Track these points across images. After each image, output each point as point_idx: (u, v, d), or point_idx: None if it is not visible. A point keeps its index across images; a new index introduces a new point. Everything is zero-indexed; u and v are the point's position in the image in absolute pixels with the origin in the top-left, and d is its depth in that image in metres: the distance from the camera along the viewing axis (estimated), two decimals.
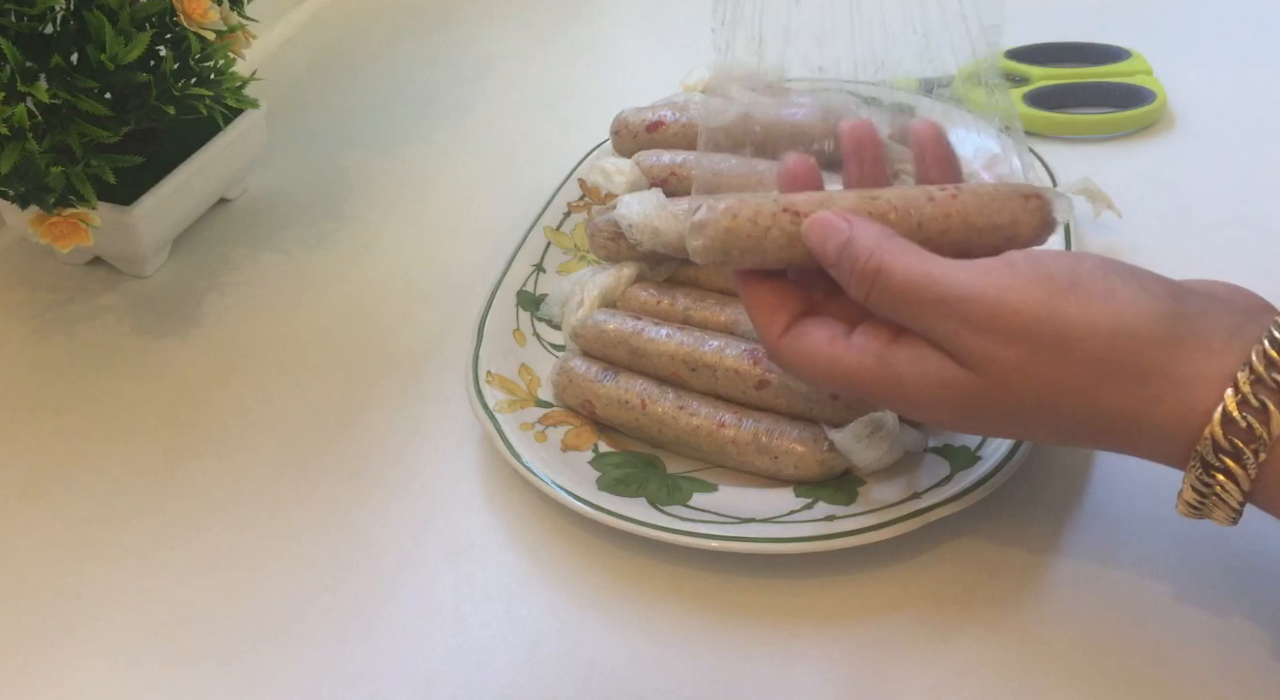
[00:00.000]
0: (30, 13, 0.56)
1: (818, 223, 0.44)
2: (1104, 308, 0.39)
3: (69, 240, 0.58)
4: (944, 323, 0.40)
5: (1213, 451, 0.38)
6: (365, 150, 0.76)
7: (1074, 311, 0.39)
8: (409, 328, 0.62)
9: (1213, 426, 0.37)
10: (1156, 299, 0.39)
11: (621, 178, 0.60)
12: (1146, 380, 0.38)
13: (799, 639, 0.46)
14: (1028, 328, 0.39)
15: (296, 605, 0.49)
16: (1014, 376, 0.39)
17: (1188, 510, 0.40)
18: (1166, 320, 0.38)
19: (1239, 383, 0.37)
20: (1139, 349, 0.38)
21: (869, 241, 0.42)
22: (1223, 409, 0.37)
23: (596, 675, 0.45)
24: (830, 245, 0.43)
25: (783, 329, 0.45)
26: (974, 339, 0.39)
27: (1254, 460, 0.37)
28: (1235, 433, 0.37)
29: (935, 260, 0.41)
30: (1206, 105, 0.72)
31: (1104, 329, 0.38)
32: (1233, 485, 0.38)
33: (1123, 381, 0.38)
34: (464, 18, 0.90)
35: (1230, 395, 0.37)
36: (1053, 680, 0.44)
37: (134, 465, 0.56)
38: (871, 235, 0.43)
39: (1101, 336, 0.38)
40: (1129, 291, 0.39)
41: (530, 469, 0.51)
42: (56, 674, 0.47)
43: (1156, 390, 0.38)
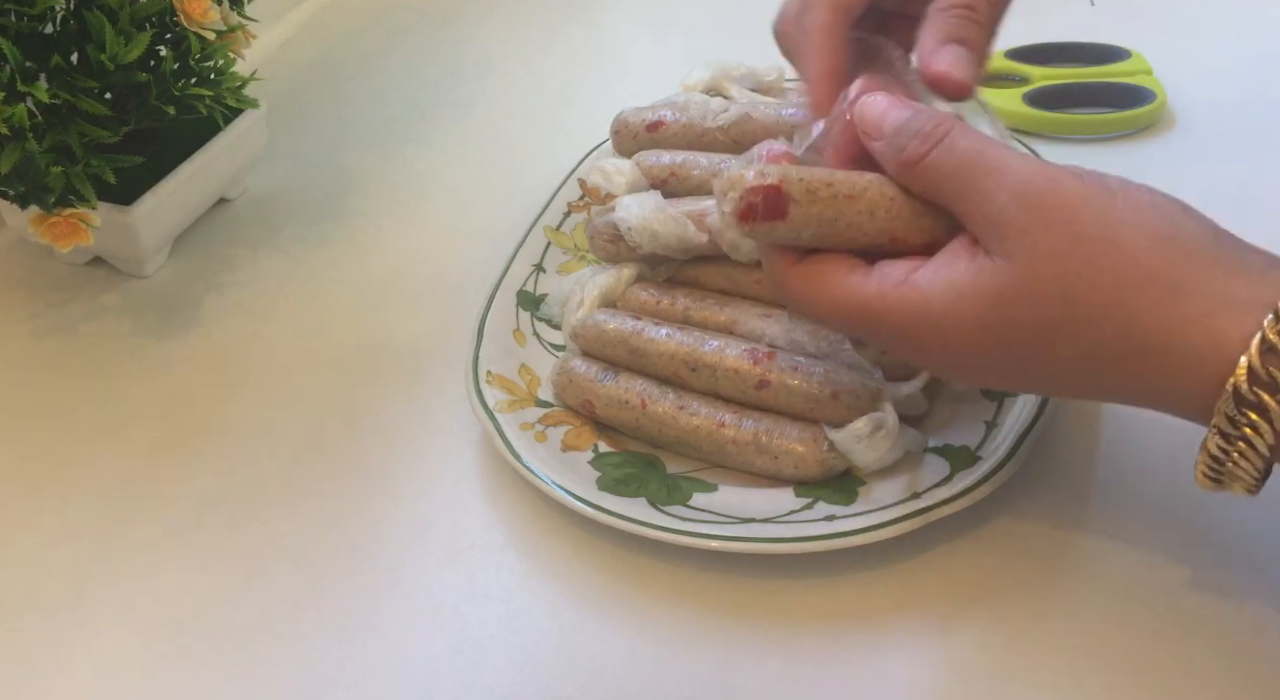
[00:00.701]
0: (30, 13, 0.56)
1: (874, 101, 0.43)
2: (1151, 214, 0.38)
3: (69, 240, 0.58)
4: (996, 193, 0.39)
5: (1248, 383, 0.35)
6: (365, 150, 0.76)
7: (1121, 211, 0.38)
8: (409, 328, 0.62)
9: (1250, 354, 0.35)
10: (1201, 221, 0.38)
11: (621, 178, 0.60)
12: (1184, 295, 0.36)
13: (799, 639, 0.46)
14: (1076, 214, 0.38)
15: (296, 605, 0.49)
16: (1049, 267, 0.38)
17: (1209, 466, 0.38)
18: (1210, 239, 0.38)
19: (1265, 330, 0.35)
20: (1180, 260, 0.37)
21: (934, 114, 0.42)
22: (1261, 335, 0.35)
23: (596, 675, 0.45)
24: (889, 118, 0.42)
25: (796, 258, 0.43)
26: (1020, 214, 0.38)
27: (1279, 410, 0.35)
28: (1274, 362, 0.34)
29: (993, 141, 0.41)
30: (1206, 105, 0.72)
31: (1147, 231, 0.37)
32: (1265, 424, 0.35)
33: (1159, 291, 0.36)
34: (464, 18, 0.90)
35: (1270, 322, 0.35)
36: (1053, 680, 0.44)
37: (134, 465, 0.56)
38: (930, 111, 0.42)
39: (1144, 238, 0.37)
40: (1176, 208, 0.39)
41: (530, 469, 0.51)
42: (57, 674, 0.47)
43: (1193, 308, 0.36)
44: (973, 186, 0.40)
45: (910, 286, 0.40)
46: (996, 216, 0.39)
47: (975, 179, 0.40)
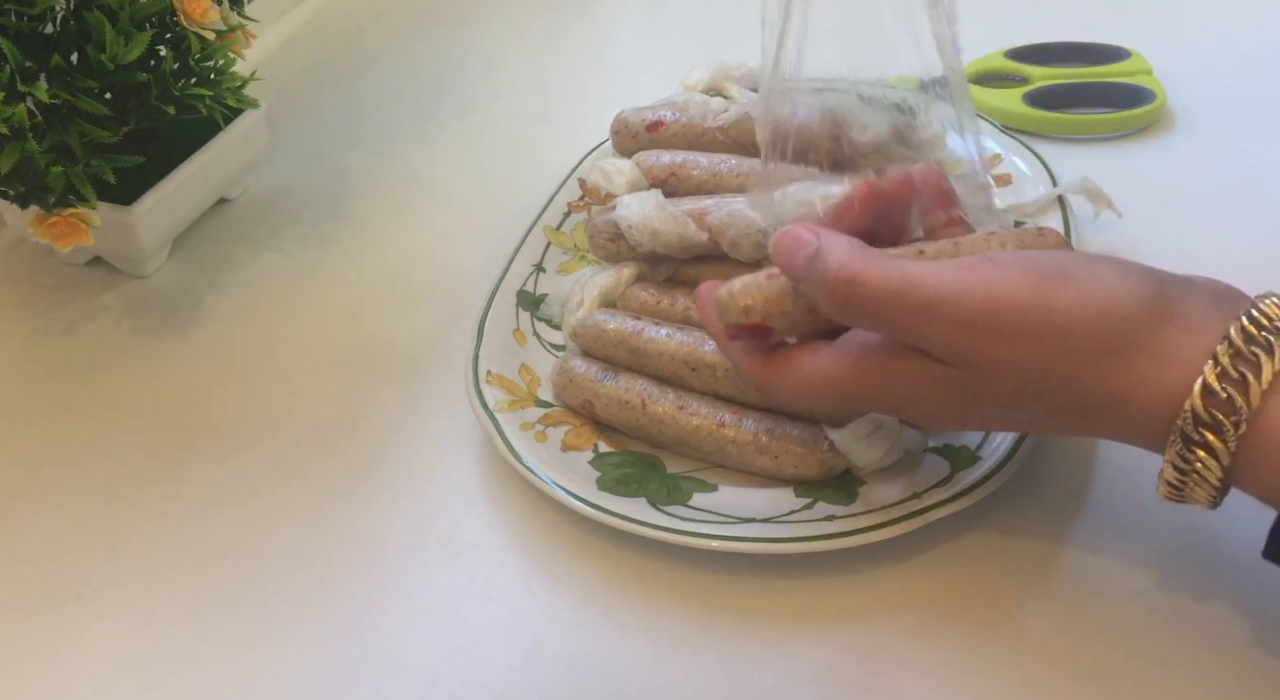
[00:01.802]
0: (30, 13, 0.56)
1: (784, 237, 0.43)
2: (1093, 291, 0.39)
3: (69, 240, 0.58)
4: (933, 327, 0.40)
5: (1193, 424, 0.38)
6: (365, 150, 0.76)
7: (1064, 298, 0.39)
8: (409, 328, 0.62)
9: (1193, 399, 0.38)
10: (1141, 281, 0.40)
11: (621, 178, 0.60)
12: (1132, 358, 0.39)
13: (799, 639, 0.46)
14: (1021, 321, 0.39)
15: (296, 605, 0.49)
16: (1007, 368, 0.40)
17: (1169, 491, 0.40)
18: (1151, 300, 0.39)
19: (1218, 355, 0.37)
20: (1126, 329, 0.39)
21: (838, 251, 0.42)
22: (1202, 381, 0.37)
23: (596, 675, 0.45)
24: (798, 258, 0.43)
25: (764, 358, 0.45)
26: (967, 338, 0.39)
27: (1233, 432, 0.37)
28: (1215, 405, 0.37)
29: (911, 263, 0.41)
30: (1206, 105, 0.72)
31: (1094, 311, 0.39)
32: (1212, 460, 0.38)
33: (1111, 361, 0.39)
34: (464, 18, 0.90)
35: (1210, 368, 0.37)
36: (1053, 680, 0.44)
37: (133, 465, 0.56)
38: (840, 245, 0.42)
39: (1092, 319, 0.39)
40: (1115, 275, 0.40)
41: (530, 469, 0.51)
42: (57, 674, 0.47)
43: (1141, 369, 0.38)
44: (902, 323, 0.41)
45: (873, 362, 0.42)
46: (943, 343, 0.40)
47: (903, 317, 0.40)
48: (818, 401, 0.47)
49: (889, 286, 0.40)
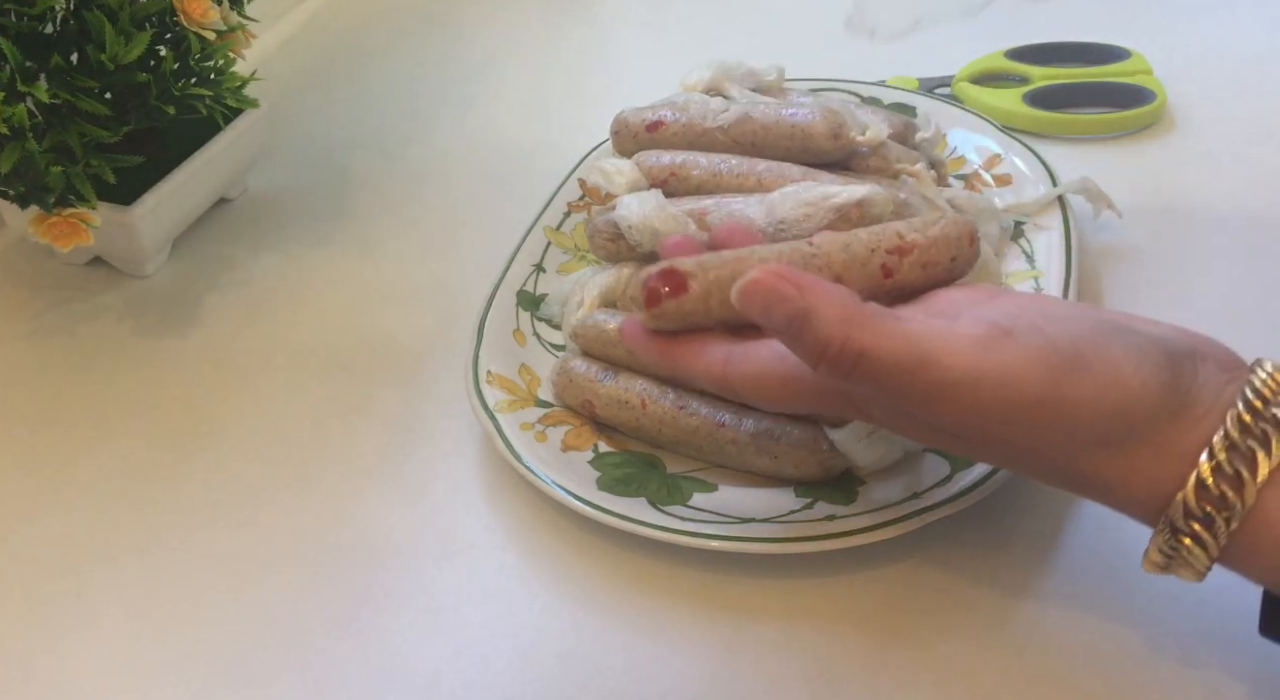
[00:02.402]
0: (30, 13, 0.56)
1: (753, 287, 0.38)
2: (1109, 385, 0.37)
3: (69, 240, 0.58)
4: (943, 409, 0.38)
5: (1183, 517, 0.37)
6: (365, 150, 0.76)
7: (1078, 392, 0.37)
8: (409, 327, 0.62)
9: (1186, 493, 0.36)
10: (1156, 368, 0.37)
11: (621, 178, 0.60)
12: (1132, 450, 0.37)
13: (799, 639, 0.46)
14: (1031, 411, 0.37)
15: (296, 605, 0.49)
16: (1006, 447, 0.39)
17: (1153, 568, 0.39)
18: (1163, 393, 0.37)
19: (1214, 448, 0.36)
20: (1134, 423, 0.37)
21: (835, 316, 0.38)
22: (1196, 476, 0.36)
23: (596, 675, 0.45)
24: (776, 314, 0.38)
25: (723, 359, 0.43)
26: (975, 423, 0.38)
27: (1225, 529, 0.36)
28: (1208, 499, 0.36)
29: (919, 331, 0.38)
30: (1206, 105, 0.72)
31: (1106, 407, 0.37)
32: (1200, 550, 0.37)
33: (1111, 452, 0.38)
34: (464, 18, 0.90)
35: (1205, 462, 0.36)
36: (1054, 679, 0.44)
37: (133, 465, 0.56)
38: (835, 307, 0.38)
39: (1105, 417, 0.37)
40: (1131, 363, 0.37)
41: (530, 469, 0.51)
42: (57, 674, 0.47)
43: (1138, 460, 0.37)
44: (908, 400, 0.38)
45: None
46: (952, 424, 0.39)
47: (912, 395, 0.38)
48: (787, 404, 0.44)
49: (899, 362, 0.37)
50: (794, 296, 0.38)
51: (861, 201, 0.52)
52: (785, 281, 0.38)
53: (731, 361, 0.43)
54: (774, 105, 0.60)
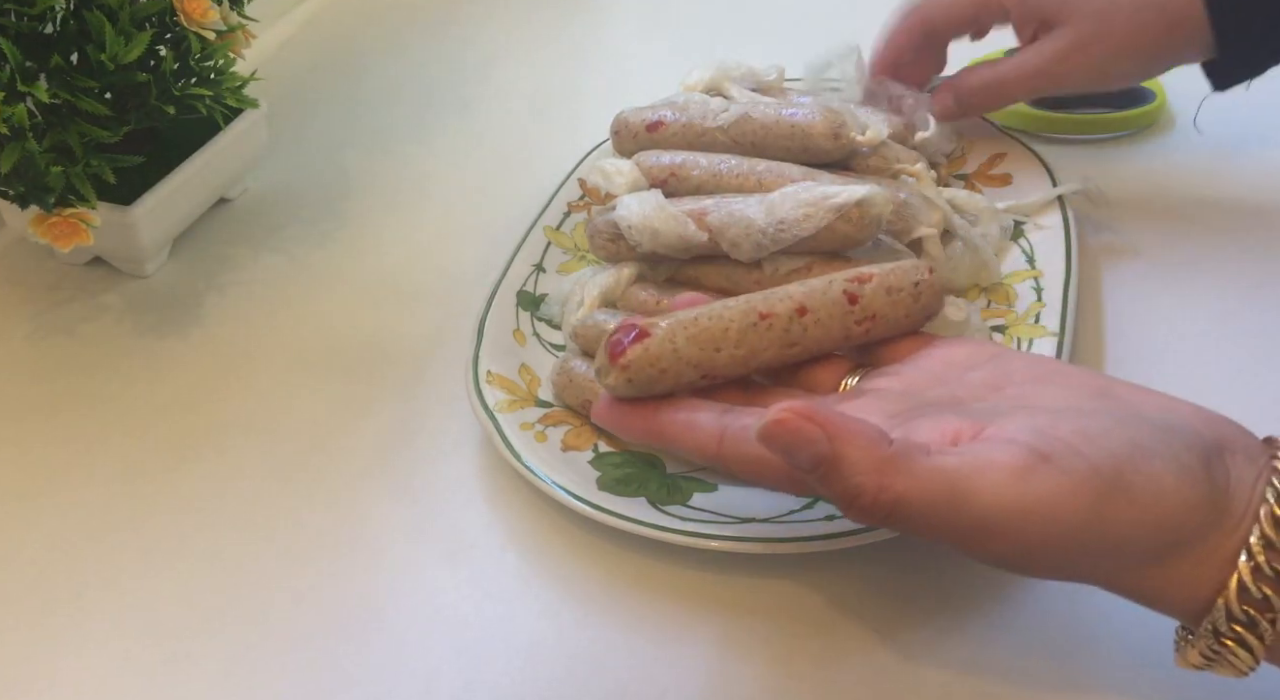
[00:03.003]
0: (30, 13, 0.56)
1: (776, 429, 0.36)
2: (1151, 505, 0.36)
3: (69, 240, 0.58)
4: (984, 546, 0.37)
5: (1225, 621, 0.36)
6: (365, 150, 0.76)
7: (1124, 516, 0.36)
8: (409, 328, 0.62)
9: (1228, 596, 0.36)
10: (1195, 482, 0.37)
11: (621, 179, 0.60)
12: (1175, 564, 0.37)
13: (799, 639, 0.46)
14: (1076, 540, 0.36)
15: (297, 605, 0.49)
16: (1048, 572, 0.39)
17: (1190, 667, 0.39)
18: (1204, 505, 0.37)
19: (1252, 548, 0.36)
20: (1178, 540, 0.37)
21: (866, 462, 0.36)
22: (1237, 579, 0.36)
23: (596, 675, 0.45)
24: (801, 457, 0.36)
25: (716, 436, 0.41)
26: (1019, 558, 0.37)
27: (1270, 629, 0.36)
28: (1250, 602, 0.36)
29: (954, 467, 0.36)
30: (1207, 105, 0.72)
31: (1151, 529, 0.36)
32: (1245, 652, 0.37)
33: (1152, 568, 0.37)
34: (464, 18, 0.90)
35: (1245, 564, 0.36)
36: (1055, 677, 0.44)
37: (134, 465, 0.56)
38: (865, 451, 0.36)
39: (1149, 538, 0.36)
40: (1170, 477, 0.36)
41: (530, 469, 0.51)
42: (57, 674, 0.47)
43: (1179, 572, 0.37)
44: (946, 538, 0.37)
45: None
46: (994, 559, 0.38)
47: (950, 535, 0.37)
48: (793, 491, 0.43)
49: (935, 506, 0.36)
50: (819, 440, 0.36)
51: (861, 201, 0.52)
52: (810, 423, 0.36)
53: (728, 439, 0.40)
54: (774, 105, 0.60)
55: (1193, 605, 0.37)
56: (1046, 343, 0.53)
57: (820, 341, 0.45)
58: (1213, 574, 0.36)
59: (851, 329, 0.45)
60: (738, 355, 0.43)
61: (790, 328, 0.44)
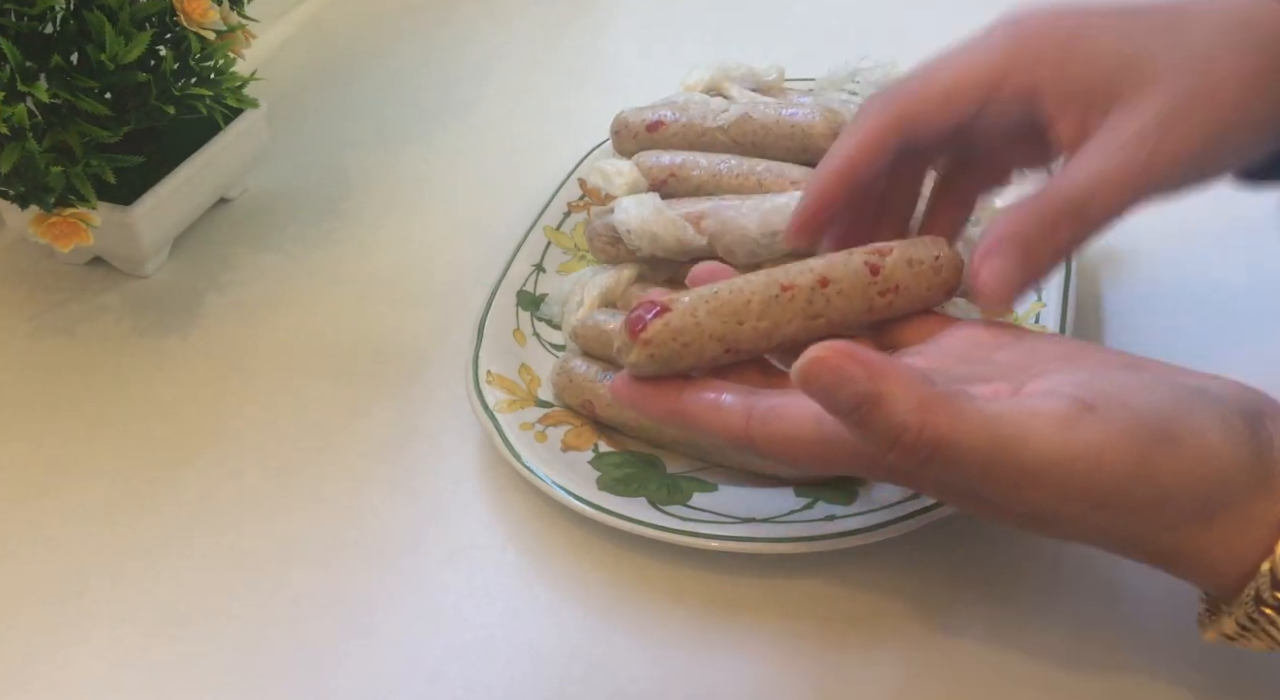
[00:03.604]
0: (30, 13, 0.56)
1: (815, 367, 0.34)
2: (1200, 459, 0.35)
3: (69, 240, 0.58)
4: (1026, 496, 0.35)
5: (1270, 587, 0.35)
6: (365, 150, 0.76)
7: (1167, 469, 0.35)
8: (409, 327, 0.62)
9: (1275, 560, 0.35)
10: (1240, 438, 0.36)
11: (621, 179, 0.60)
12: (1219, 524, 0.36)
13: (799, 639, 0.46)
14: (1123, 489, 0.35)
15: (297, 605, 0.49)
16: (1088, 528, 0.37)
17: (1220, 640, 0.38)
18: (1251, 462, 0.36)
19: None
20: (1222, 498, 0.36)
21: (909, 400, 0.34)
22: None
23: (596, 675, 0.45)
24: (843, 398, 0.34)
25: (744, 414, 0.39)
26: (1061, 508, 0.36)
27: None
28: None
29: (998, 413, 0.35)
30: None
31: (1196, 484, 0.35)
32: None
33: (1197, 527, 0.36)
34: (464, 18, 0.90)
35: None
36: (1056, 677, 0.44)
37: (133, 465, 0.56)
38: (908, 389, 0.34)
39: (1197, 492, 0.35)
40: (1217, 433, 0.36)
41: (530, 469, 0.51)
42: (57, 674, 0.47)
43: (1222, 532, 0.36)
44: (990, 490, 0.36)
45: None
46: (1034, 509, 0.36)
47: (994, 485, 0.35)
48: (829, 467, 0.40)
49: (979, 448, 0.34)
50: (861, 378, 0.34)
51: None
52: (852, 360, 0.34)
53: (756, 418, 0.39)
54: (774, 105, 0.60)
55: (1234, 569, 0.36)
56: None
57: (844, 313, 0.43)
58: (1258, 538, 0.35)
59: (875, 300, 0.44)
60: (761, 328, 0.42)
61: (813, 299, 0.43)
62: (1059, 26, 0.43)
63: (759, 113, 0.59)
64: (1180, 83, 0.40)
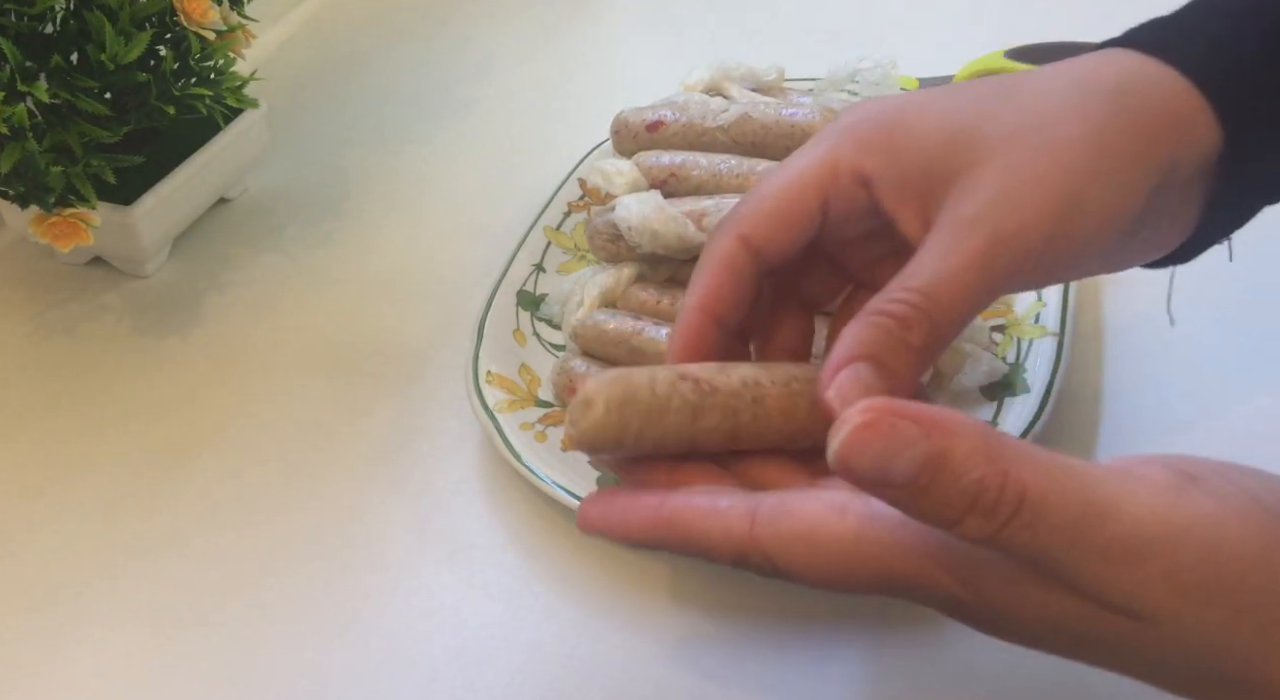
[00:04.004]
0: (30, 13, 0.56)
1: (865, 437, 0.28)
2: None
3: (69, 240, 0.58)
4: (1123, 573, 0.28)
5: None
6: (365, 150, 0.76)
7: None
8: (409, 327, 0.62)
9: None
10: None
11: (621, 179, 0.59)
12: None
13: (799, 639, 0.46)
14: (1243, 581, 0.28)
15: (296, 605, 0.49)
16: (1196, 636, 0.29)
17: None
18: None
19: None
20: None
21: (978, 454, 0.28)
22: None
23: (596, 675, 0.45)
24: (902, 469, 0.28)
25: (746, 515, 0.32)
26: (1161, 594, 0.28)
27: None
28: None
29: (1083, 471, 0.29)
30: None
31: None
32: None
33: None
34: (464, 18, 0.90)
35: None
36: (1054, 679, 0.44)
37: (134, 465, 0.56)
38: (975, 440, 0.28)
39: None
40: None
41: (530, 469, 0.51)
42: (57, 674, 0.47)
43: None
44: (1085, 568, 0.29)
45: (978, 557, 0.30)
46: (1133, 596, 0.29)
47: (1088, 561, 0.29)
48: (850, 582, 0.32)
49: (1071, 512, 0.28)
50: (918, 438, 0.28)
51: None
52: (904, 420, 0.28)
53: (762, 518, 0.32)
54: (774, 105, 0.60)
55: None
56: (1046, 343, 0.53)
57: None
58: None
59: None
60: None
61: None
62: (883, 111, 0.38)
63: (759, 113, 0.59)
64: (1013, 155, 0.35)
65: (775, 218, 0.38)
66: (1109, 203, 0.35)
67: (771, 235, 0.38)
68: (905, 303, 0.33)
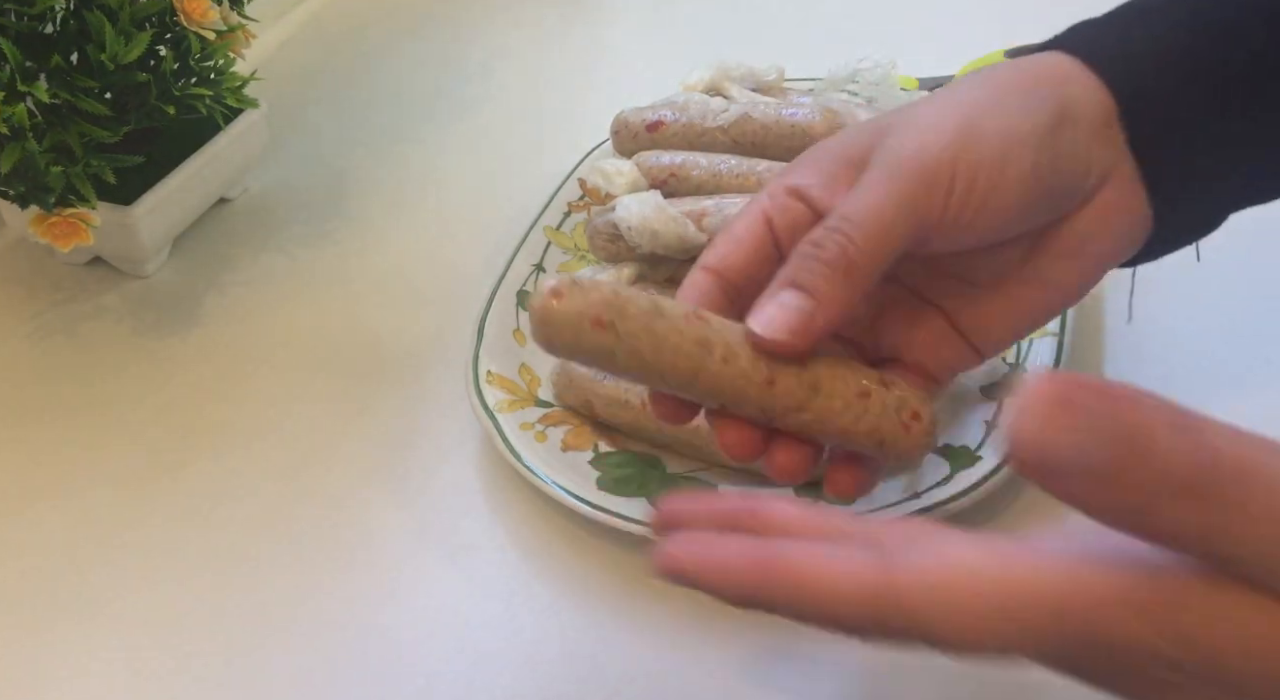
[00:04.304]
0: (30, 13, 0.56)
1: (1059, 407, 0.25)
2: None
3: (69, 240, 0.58)
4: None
5: None
6: (365, 150, 0.76)
7: None
8: (409, 328, 0.62)
9: None
10: None
11: (621, 179, 0.60)
12: None
13: (799, 639, 0.46)
14: None
15: (297, 605, 0.49)
16: None
17: None
18: None
19: None
20: None
21: (1181, 426, 0.24)
22: None
23: (596, 675, 0.45)
24: (1097, 450, 0.24)
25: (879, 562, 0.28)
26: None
27: None
28: None
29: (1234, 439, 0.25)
30: None
31: None
32: None
33: None
34: (464, 18, 0.90)
35: None
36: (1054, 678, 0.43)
37: (134, 465, 0.56)
38: (1173, 413, 0.25)
39: None
40: None
41: (530, 469, 0.51)
42: (57, 674, 0.47)
43: None
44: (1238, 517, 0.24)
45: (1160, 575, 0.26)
46: None
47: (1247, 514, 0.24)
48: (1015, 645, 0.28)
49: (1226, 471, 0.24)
50: (1110, 412, 0.24)
51: None
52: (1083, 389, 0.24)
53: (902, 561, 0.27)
54: (774, 105, 0.60)
55: None
56: (1047, 343, 0.53)
57: None
58: None
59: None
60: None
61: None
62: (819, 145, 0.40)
63: (759, 113, 0.59)
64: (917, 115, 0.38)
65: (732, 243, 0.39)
66: (1002, 124, 0.36)
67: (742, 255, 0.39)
68: (823, 227, 0.36)
